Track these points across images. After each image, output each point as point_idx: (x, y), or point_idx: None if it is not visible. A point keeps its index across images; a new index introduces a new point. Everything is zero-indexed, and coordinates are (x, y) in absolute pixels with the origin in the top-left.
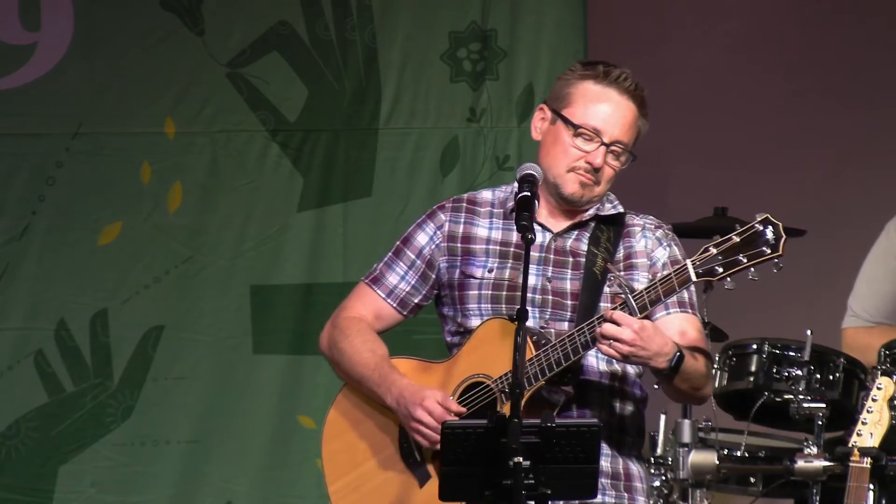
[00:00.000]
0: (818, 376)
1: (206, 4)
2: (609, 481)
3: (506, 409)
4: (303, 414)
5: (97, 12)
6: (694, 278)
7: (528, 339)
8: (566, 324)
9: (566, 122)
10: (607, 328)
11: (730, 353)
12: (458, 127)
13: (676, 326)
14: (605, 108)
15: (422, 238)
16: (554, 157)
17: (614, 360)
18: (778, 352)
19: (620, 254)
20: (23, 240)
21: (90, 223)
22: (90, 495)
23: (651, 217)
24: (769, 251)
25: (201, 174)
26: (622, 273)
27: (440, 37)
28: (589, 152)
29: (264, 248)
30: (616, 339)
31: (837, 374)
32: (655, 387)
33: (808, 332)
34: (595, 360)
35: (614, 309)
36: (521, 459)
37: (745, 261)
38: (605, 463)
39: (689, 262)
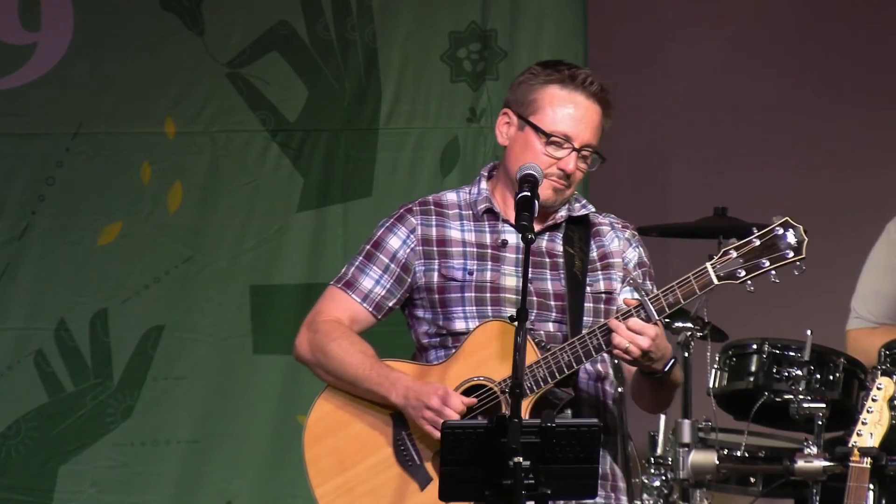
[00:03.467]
0: (818, 376)
1: (206, 4)
2: (598, 482)
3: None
4: (303, 414)
5: (97, 12)
6: (715, 282)
7: (532, 342)
8: (552, 324)
9: (536, 129)
10: (624, 333)
11: (730, 353)
12: (458, 127)
13: None
14: (573, 114)
15: (394, 242)
16: (523, 162)
17: (599, 360)
18: (778, 352)
19: (594, 253)
20: (23, 240)
21: (90, 223)
22: (90, 495)
23: (614, 216)
24: (792, 254)
25: (201, 174)
26: (636, 276)
27: (440, 37)
28: (560, 158)
29: (264, 248)
30: (632, 345)
31: (837, 374)
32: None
33: (808, 332)
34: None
35: (627, 311)
36: (521, 459)
37: (767, 264)
38: None
39: (708, 265)
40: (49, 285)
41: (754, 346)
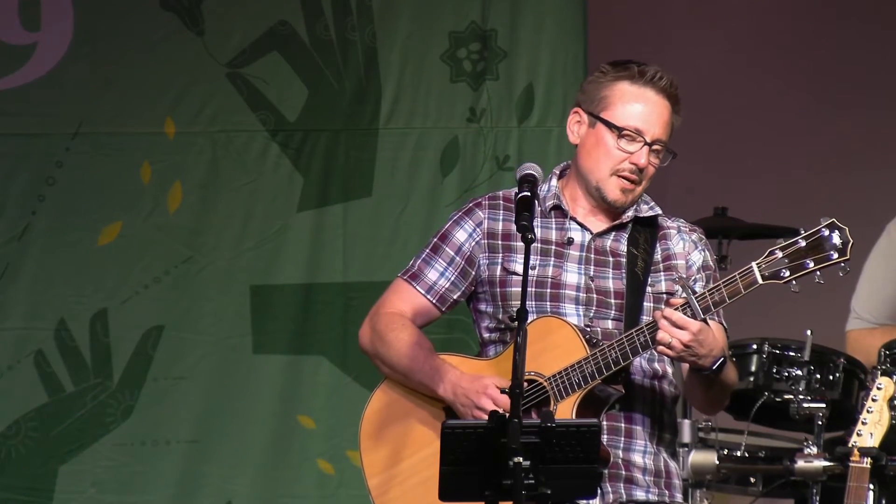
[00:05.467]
0: (818, 376)
1: (206, 4)
2: (651, 478)
3: (560, 408)
4: (303, 414)
5: (97, 12)
6: (760, 281)
7: (582, 338)
8: (610, 322)
9: (607, 124)
10: (667, 328)
11: (730, 353)
12: (458, 127)
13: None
14: (644, 108)
15: (461, 235)
16: (596, 159)
17: (655, 359)
18: (778, 352)
19: (658, 255)
20: (23, 240)
21: (90, 223)
22: (90, 495)
23: (683, 220)
24: (837, 255)
25: (201, 174)
26: (684, 276)
27: (440, 37)
28: (633, 153)
29: (264, 248)
30: (674, 339)
31: (837, 374)
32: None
33: (808, 332)
34: (640, 359)
35: (676, 310)
36: (521, 459)
37: (812, 265)
38: (647, 460)
39: (754, 264)
40: (49, 285)
41: (754, 346)
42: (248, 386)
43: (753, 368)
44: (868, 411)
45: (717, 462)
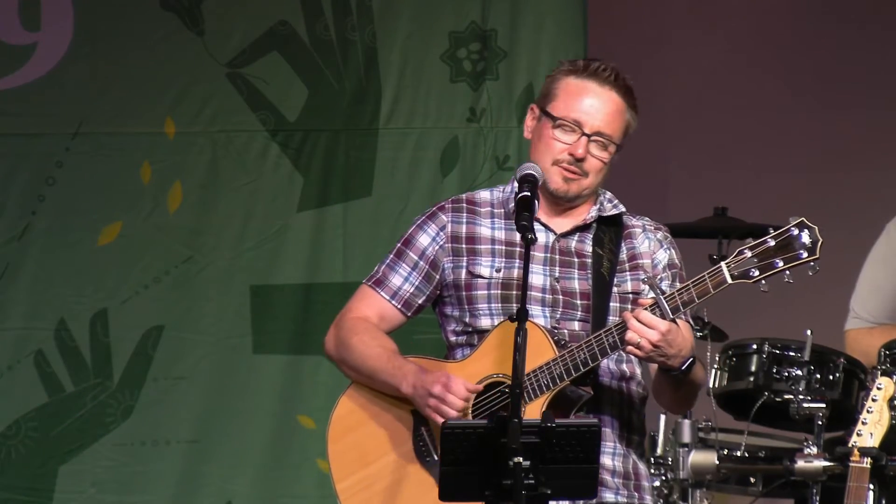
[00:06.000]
0: (818, 376)
1: (206, 4)
2: (621, 481)
3: (529, 409)
4: (303, 414)
5: (97, 12)
6: (729, 280)
7: (550, 339)
8: (577, 323)
9: (549, 116)
10: (636, 328)
11: (730, 353)
12: (458, 127)
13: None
14: (584, 100)
15: (424, 239)
16: (539, 151)
17: (624, 361)
18: (778, 352)
19: (624, 254)
20: (23, 240)
21: (90, 223)
22: (90, 495)
23: (648, 218)
24: (806, 255)
25: (201, 174)
26: (653, 276)
27: (440, 37)
28: (570, 144)
29: (264, 248)
30: (643, 339)
31: (837, 374)
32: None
33: (808, 332)
34: (608, 360)
35: (645, 310)
36: (521, 459)
37: (781, 264)
38: (616, 462)
39: (723, 264)
40: (49, 285)
41: (754, 346)
42: (248, 386)
43: (753, 368)
44: (868, 411)
45: (717, 462)
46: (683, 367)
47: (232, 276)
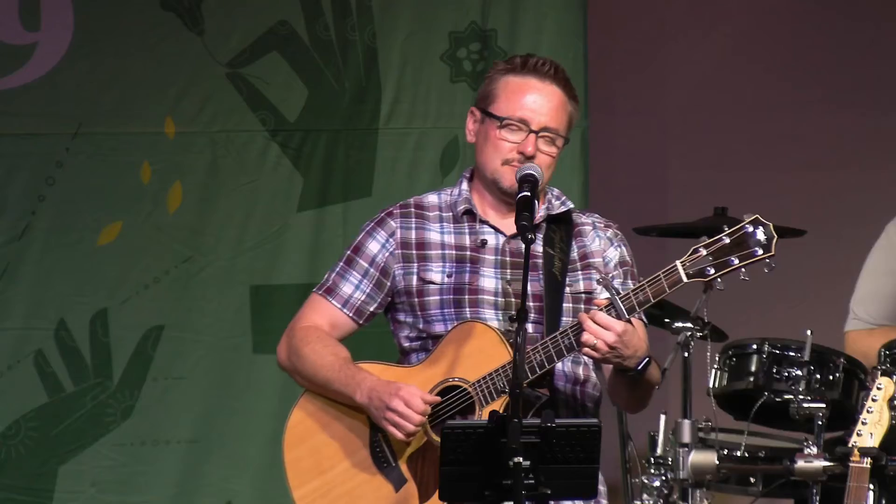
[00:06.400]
0: (818, 376)
1: (206, 4)
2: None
3: (483, 414)
4: None
5: (97, 12)
6: (685, 279)
7: (505, 342)
8: (530, 325)
9: (493, 117)
10: (592, 329)
11: (730, 353)
12: (458, 127)
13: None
14: (528, 98)
15: (374, 246)
16: (487, 154)
17: (579, 363)
18: (778, 352)
19: (575, 253)
20: (23, 240)
21: (90, 223)
22: (90, 495)
23: (597, 215)
24: (761, 251)
25: (201, 174)
26: (608, 276)
27: (440, 37)
28: (519, 142)
29: (264, 248)
30: (599, 340)
31: (837, 374)
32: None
33: (808, 332)
34: (562, 362)
35: (600, 310)
36: (521, 459)
37: (736, 262)
38: None
39: (678, 262)
40: (49, 285)
41: (754, 346)
42: (248, 386)
43: (753, 368)
44: (868, 411)
45: (717, 462)
46: (639, 368)
47: (232, 276)
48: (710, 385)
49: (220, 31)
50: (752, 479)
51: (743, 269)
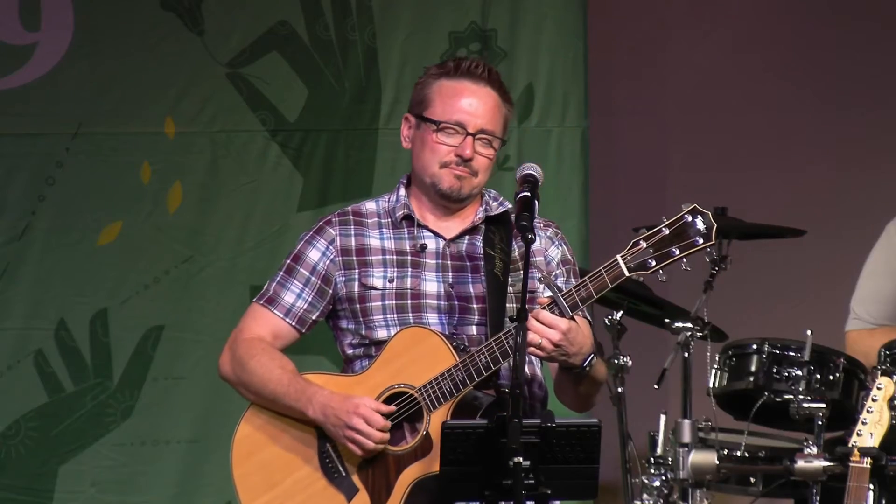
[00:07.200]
0: (818, 376)
1: (206, 4)
2: None
3: (433, 418)
4: None
5: (97, 12)
6: (626, 273)
7: (449, 345)
8: (474, 328)
9: (429, 121)
10: (536, 328)
11: (730, 353)
12: None
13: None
14: (463, 101)
15: (314, 254)
16: (425, 158)
17: (525, 362)
18: (778, 352)
19: (515, 253)
20: (23, 240)
21: (90, 223)
22: (90, 495)
23: (537, 216)
24: (702, 241)
25: (201, 174)
26: (551, 274)
27: (440, 37)
28: (456, 146)
29: (264, 248)
30: (544, 339)
31: (837, 374)
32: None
33: (808, 332)
34: (509, 363)
35: (544, 309)
36: (521, 459)
37: (677, 252)
38: None
39: (619, 256)
40: (49, 285)
41: (754, 346)
42: None
43: (753, 368)
44: (868, 411)
45: (717, 462)
46: (585, 365)
47: (232, 276)
48: (710, 385)
49: (220, 31)
50: (752, 479)
51: (684, 260)
